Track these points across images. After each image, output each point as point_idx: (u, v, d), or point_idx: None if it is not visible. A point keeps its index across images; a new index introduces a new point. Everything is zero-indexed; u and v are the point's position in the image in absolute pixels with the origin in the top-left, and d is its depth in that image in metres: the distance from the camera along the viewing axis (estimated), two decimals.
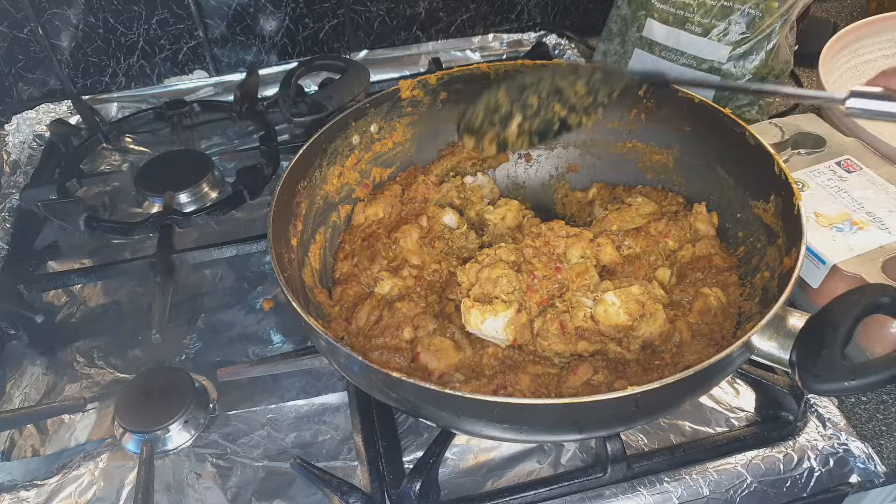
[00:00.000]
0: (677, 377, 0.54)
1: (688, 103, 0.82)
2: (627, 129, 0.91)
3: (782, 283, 0.64)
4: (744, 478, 0.68)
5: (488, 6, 1.31)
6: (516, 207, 0.87)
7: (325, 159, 0.82)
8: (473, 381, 0.67)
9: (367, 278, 0.79)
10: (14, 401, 0.80)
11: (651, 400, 0.56)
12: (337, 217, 0.85)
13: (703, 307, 0.72)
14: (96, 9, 1.14)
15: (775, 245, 0.72)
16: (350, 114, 0.83)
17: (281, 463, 0.72)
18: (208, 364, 0.82)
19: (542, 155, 0.96)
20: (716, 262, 0.78)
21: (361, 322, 0.74)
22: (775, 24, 1.01)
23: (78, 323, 0.88)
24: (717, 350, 0.68)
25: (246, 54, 1.26)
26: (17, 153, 1.13)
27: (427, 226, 0.84)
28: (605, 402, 0.54)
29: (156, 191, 1.03)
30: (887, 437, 0.72)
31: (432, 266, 0.80)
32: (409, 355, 0.71)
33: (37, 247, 0.99)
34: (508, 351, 0.70)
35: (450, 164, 0.92)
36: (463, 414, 0.58)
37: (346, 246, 0.84)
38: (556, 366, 0.70)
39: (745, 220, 0.79)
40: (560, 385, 0.67)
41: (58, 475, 0.71)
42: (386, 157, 0.89)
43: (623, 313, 0.69)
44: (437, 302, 0.77)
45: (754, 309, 0.71)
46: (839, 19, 1.36)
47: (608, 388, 0.66)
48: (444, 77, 0.88)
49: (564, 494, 0.67)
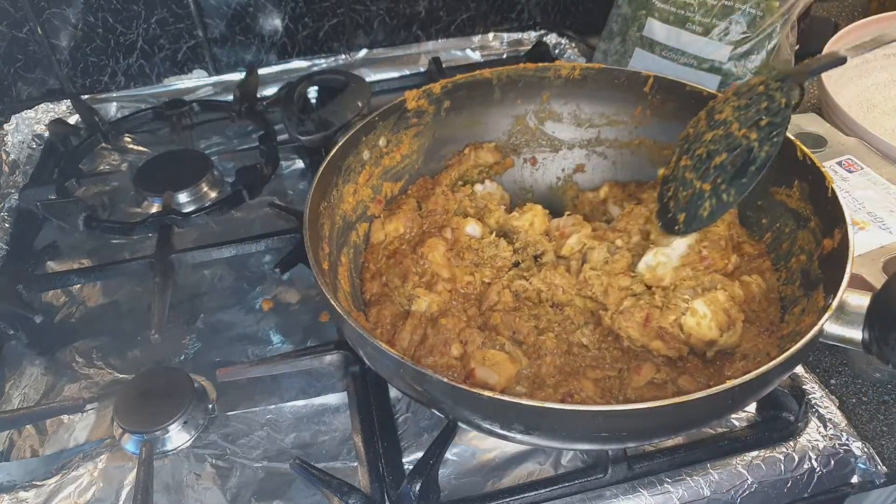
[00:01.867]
0: (774, 363, 0.54)
1: (697, 96, 0.82)
2: (633, 126, 0.90)
3: (827, 265, 0.65)
4: (744, 478, 0.68)
5: (488, 5, 1.31)
6: (541, 212, 0.86)
7: (341, 177, 0.80)
8: (539, 392, 0.66)
9: (401, 297, 0.76)
10: (13, 401, 0.80)
11: (746, 390, 0.55)
12: (356, 236, 0.83)
13: (748, 295, 0.71)
14: (95, 8, 1.14)
15: (807, 228, 0.72)
16: (361, 129, 0.81)
17: (280, 463, 0.71)
18: (208, 364, 0.81)
19: (548, 157, 0.95)
20: (746, 251, 0.77)
21: (405, 343, 0.71)
22: (776, 24, 1.00)
23: (77, 323, 0.88)
24: (769, 336, 0.69)
25: (245, 54, 1.26)
26: (16, 153, 1.13)
27: (452, 237, 0.81)
28: (707, 398, 0.53)
29: (155, 191, 1.03)
30: (888, 437, 0.72)
31: (465, 279, 0.78)
32: (462, 372, 0.68)
33: (36, 247, 0.99)
34: (565, 357, 0.70)
35: (457, 174, 0.91)
36: (561, 429, 0.57)
37: (370, 265, 0.82)
38: (615, 368, 0.69)
39: (767, 206, 0.78)
40: (624, 387, 0.67)
41: (57, 476, 0.71)
42: (395, 171, 0.88)
43: (714, 327, 0.67)
44: (479, 315, 0.75)
45: (797, 292, 0.71)
46: (840, 19, 1.36)
47: (673, 384, 0.66)
48: (448, 85, 0.87)
49: (565, 495, 0.67)
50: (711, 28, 1.03)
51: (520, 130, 0.94)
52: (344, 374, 0.79)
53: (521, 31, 1.35)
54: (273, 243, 0.94)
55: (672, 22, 1.05)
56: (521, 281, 0.78)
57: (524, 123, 0.93)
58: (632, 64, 1.12)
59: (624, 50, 1.14)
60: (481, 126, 0.93)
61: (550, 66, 0.89)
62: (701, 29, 1.03)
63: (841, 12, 1.40)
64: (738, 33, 1.01)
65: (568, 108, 0.92)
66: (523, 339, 0.72)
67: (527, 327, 0.72)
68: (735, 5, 1.00)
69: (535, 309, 0.76)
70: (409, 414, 0.75)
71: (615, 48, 1.15)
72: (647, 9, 1.08)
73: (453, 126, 0.91)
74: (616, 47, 1.15)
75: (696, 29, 1.04)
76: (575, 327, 0.74)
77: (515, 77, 0.89)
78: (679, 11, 1.04)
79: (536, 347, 0.71)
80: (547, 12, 1.35)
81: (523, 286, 0.78)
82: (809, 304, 0.67)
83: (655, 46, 1.09)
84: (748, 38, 1.01)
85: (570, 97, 0.91)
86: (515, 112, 0.93)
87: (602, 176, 0.94)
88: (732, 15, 1.01)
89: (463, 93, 0.89)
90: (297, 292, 0.90)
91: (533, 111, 0.93)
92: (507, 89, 0.90)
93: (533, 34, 1.34)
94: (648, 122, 0.89)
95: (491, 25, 1.34)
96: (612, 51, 1.16)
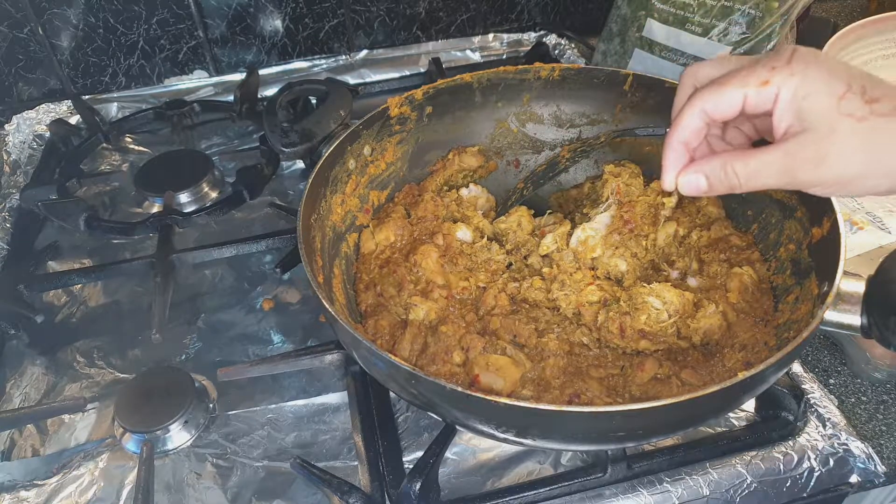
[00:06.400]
0: (784, 352, 0.54)
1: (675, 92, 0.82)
2: (615, 124, 0.90)
3: (817, 253, 0.66)
4: (744, 478, 0.68)
5: (488, 6, 1.31)
6: (527, 212, 0.86)
7: (328, 188, 0.80)
8: (545, 395, 0.66)
9: (397, 306, 0.76)
10: (14, 401, 0.80)
11: (756, 380, 0.55)
12: (347, 247, 0.82)
13: (740, 286, 0.72)
14: (96, 9, 1.14)
15: (793, 218, 0.72)
16: (346, 138, 0.81)
17: (281, 463, 0.72)
18: (208, 364, 0.82)
19: (531, 159, 0.95)
20: (734, 242, 0.78)
21: (406, 353, 0.71)
22: (775, 25, 1.01)
23: (78, 323, 0.88)
24: (765, 326, 0.70)
25: (246, 54, 1.26)
26: (17, 153, 1.13)
27: (444, 244, 0.81)
28: (720, 391, 0.52)
29: (156, 191, 1.03)
30: (887, 437, 0.72)
31: (460, 284, 0.77)
32: (466, 379, 0.68)
33: (37, 247, 0.99)
34: (568, 358, 0.70)
35: (442, 179, 0.91)
36: (577, 431, 0.57)
37: (363, 276, 0.81)
38: (617, 366, 0.70)
39: (751, 198, 0.79)
40: (629, 385, 0.67)
41: (58, 475, 0.71)
42: (381, 179, 0.88)
43: (674, 313, 0.70)
44: (477, 320, 0.75)
45: (789, 281, 0.71)
46: (839, 19, 1.36)
47: (677, 379, 0.66)
48: (430, 91, 0.87)
49: (564, 494, 0.67)
50: (711, 29, 1.03)
51: (502, 133, 0.94)
52: (344, 373, 0.79)
53: (521, 31, 1.35)
54: (273, 243, 0.94)
55: (671, 23, 1.06)
56: (515, 284, 0.78)
57: (506, 126, 0.93)
58: (631, 64, 1.13)
59: (623, 50, 1.14)
60: (464, 130, 0.93)
61: (530, 67, 0.89)
62: (700, 30, 1.04)
63: (840, 13, 1.41)
64: (738, 34, 1.02)
65: (549, 109, 0.92)
66: (524, 341, 0.71)
67: (527, 330, 0.72)
68: (734, 6, 1.01)
69: (533, 311, 0.76)
70: (409, 413, 0.75)
71: (615, 49, 1.16)
72: (647, 9, 1.08)
73: (436, 131, 0.91)
74: (615, 48, 1.15)
75: (695, 30, 1.04)
76: (574, 327, 0.74)
77: (496, 80, 0.89)
78: (678, 12, 1.05)
79: (539, 350, 0.71)
80: (547, 13, 1.36)
81: (517, 289, 0.78)
82: (803, 292, 0.68)
83: (655, 47, 1.09)
84: (747, 38, 1.01)
85: (550, 98, 0.92)
86: (497, 115, 0.93)
87: (585, 173, 0.94)
88: (732, 16, 1.01)
89: (445, 98, 0.88)
90: (297, 292, 0.90)
91: (514, 113, 0.93)
92: (488, 93, 0.90)
93: (533, 35, 1.35)
94: (629, 120, 0.89)
95: (491, 26, 1.34)
96: (611, 51, 1.16)
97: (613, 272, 0.77)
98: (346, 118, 0.86)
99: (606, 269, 0.77)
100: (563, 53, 1.29)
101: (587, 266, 0.77)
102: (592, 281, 0.75)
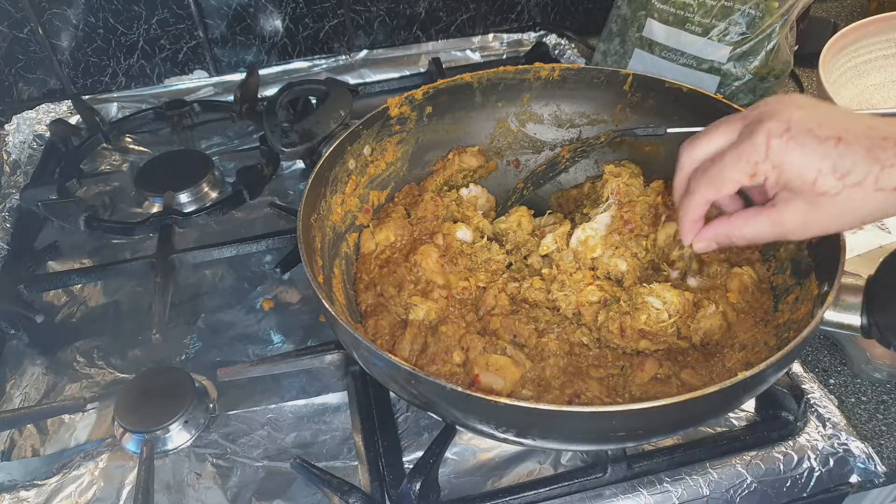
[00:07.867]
0: (784, 352, 0.54)
1: (676, 93, 0.83)
2: (614, 124, 0.90)
3: (817, 253, 0.66)
4: (744, 478, 0.68)
5: (488, 6, 1.31)
6: (527, 212, 0.86)
7: (328, 188, 0.80)
8: (546, 395, 0.66)
9: (397, 306, 0.76)
10: (14, 401, 0.80)
11: (756, 380, 0.55)
12: (347, 247, 0.82)
13: (740, 285, 0.72)
14: (96, 9, 1.14)
15: None
16: (346, 138, 0.81)
17: (281, 463, 0.72)
18: (208, 364, 0.82)
19: (531, 159, 0.95)
20: None
21: (406, 353, 0.71)
22: (775, 25, 1.01)
23: (78, 323, 0.88)
24: (765, 326, 0.70)
25: (246, 54, 1.26)
26: (17, 153, 1.13)
27: (444, 244, 0.81)
28: (720, 391, 0.53)
29: (156, 191, 1.03)
30: (887, 437, 0.72)
31: (460, 284, 0.77)
32: (466, 379, 0.68)
33: (37, 247, 0.99)
34: (568, 358, 0.70)
35: (442, 179, 0.91)
36: (577, 432, 0.57)
37: (363, 276, 0.81)
38: (617, 366, 0.70)
39: None
40: (629, 385, 0.67)
41: (58, 475, 0.71)
42: (381, 179, 0.88)
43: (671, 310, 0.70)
44: (477, 320, 0.75)
45: (789, 281, 0.71)
46: (839, 19, 1.36)
47: (677, 379, 0.66)
48: (430, 91, 0.87)
49: (564, 494, 0.67)
50: (711, 29, 1.03)
51: (501, 133, 0.94)
52: (344, 373, 0.79)
53: (521, 31, 1.35)
54: (273, 243, 0.94)
55: (671, 23, 1.06)
56: (515, 284, 0.78)
57: (506, 126, 0.93)
58: (631, 64, 1.13)
59: (623, 51, 1.14)
60: (464, 130, 0.93)
61: (530, 67, 0.89)
62: (700, 30, 1.04)
63: (840, 13, 1.41)
64: (738, 34, 1.02)
65: (548, 109, 0.92)
66: (524, 341, 0.72)
67: (527, 330, 0.72)
68: (734, 6, 1.01)
69: (532, 311, 0.76)
70: (409, 413, 0.75)
71: (615, 49, 1.16)
72: (647, 9, 1.08)
73: (436, 131, 0.91)
74: (616, 48, 1.15)
75: (695, 30, 1.04)
76: (574, 327, 0.74)
77: (496, 80, 0.89)
78: (678, 12, 1.05)
79: (539, 350, 0.71)
80: (547, 13, 1.36)
81: (517, 289, 0.78)
82: (803, 292, 0.68)
83: (655, 47, 1.09)
84: (747, 38, 1.02)
85: (550, 98, 0.92)
86: (497, 115, 0.93)
87: (585, 173, 0.94)
88: (732, 16, 1.01)
89: (445, 98, 0.88)
90: (297, 292, 0.90)
91: (514, 113, 0.93)
92: (488, 93, 0.90)
93: (533, 35, 1.35)
94: (629, 119, 0.89)
95: (491, 26, 1.34)
96: (611, 51, 1.16)
97: (613, 272, 0.77)
98: (346, 118, 0.87)
99: (606, 269, 0.77)
100: (563, 53, 1.29)
101: (587, 266, 0.77)
102: (592, 281, 0.75)
